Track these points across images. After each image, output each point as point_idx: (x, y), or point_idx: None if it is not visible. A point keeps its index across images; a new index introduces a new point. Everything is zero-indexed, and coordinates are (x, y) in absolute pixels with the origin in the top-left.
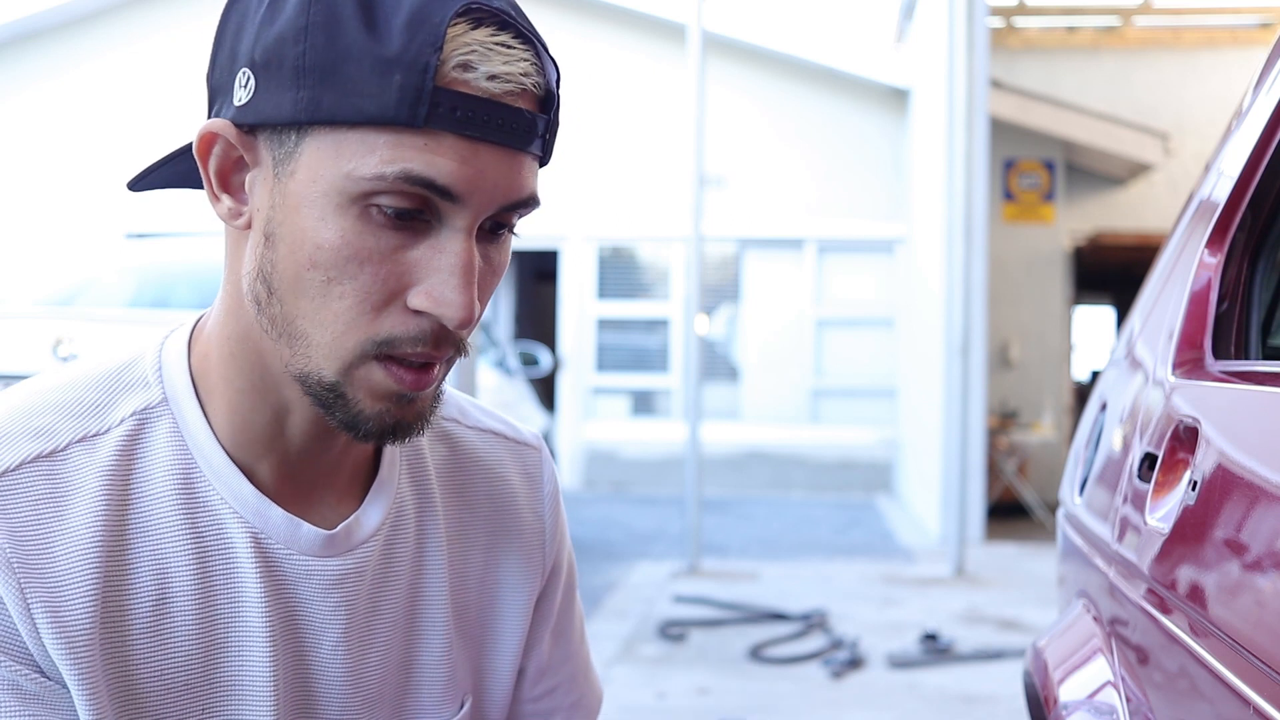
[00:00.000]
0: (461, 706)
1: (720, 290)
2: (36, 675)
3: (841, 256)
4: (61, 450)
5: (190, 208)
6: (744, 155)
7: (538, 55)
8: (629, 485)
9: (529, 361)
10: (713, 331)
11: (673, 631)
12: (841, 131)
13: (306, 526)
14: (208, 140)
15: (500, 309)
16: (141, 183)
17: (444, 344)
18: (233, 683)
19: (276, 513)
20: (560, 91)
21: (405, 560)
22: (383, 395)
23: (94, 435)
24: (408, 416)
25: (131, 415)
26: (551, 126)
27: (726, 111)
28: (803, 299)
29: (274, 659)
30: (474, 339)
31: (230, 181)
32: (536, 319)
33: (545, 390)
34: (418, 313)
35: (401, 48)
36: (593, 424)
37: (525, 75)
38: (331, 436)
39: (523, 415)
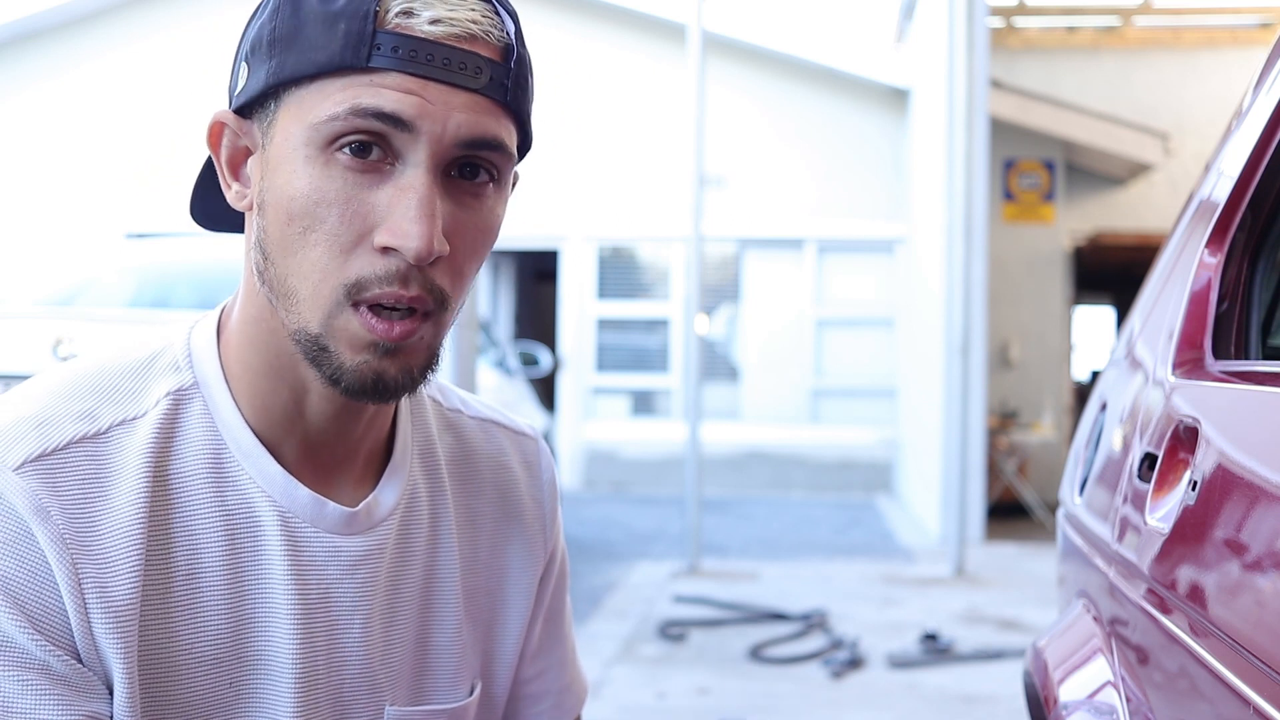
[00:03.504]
0: (472, 691)
1: (720, 290)
2: (69, 659)
3: (841, 256)
4: (104, 432)
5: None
6: (744, 155)
7: (493, 9)
8: (629, 485)
9: (529, 361)
10: (713, 331)
11: (673, 631)
12: (841, 131)
13: (331, 505)
14: (215, 131)
15: (500, 309)
16: (211, 222)
17: (412, 282)
18: (259, 658)
19: (303, 492)
20: (523, 47)
21: (420, 540)
22: (361, 345)
23: (132, 419)
24: (390, 370)
25: (166, 397)
26: (515, 77)
27: (726, 111)
28: (803, 299)
29: (298, 635)
30: (473, 337)
31: (239, 169)
32: (536, 319)
33: (545, 390)
34: (385, 252)
35: (346, 2)
36: (593, 424)
37: (473, 22)
38: (348, 417)
39: (523, 415)
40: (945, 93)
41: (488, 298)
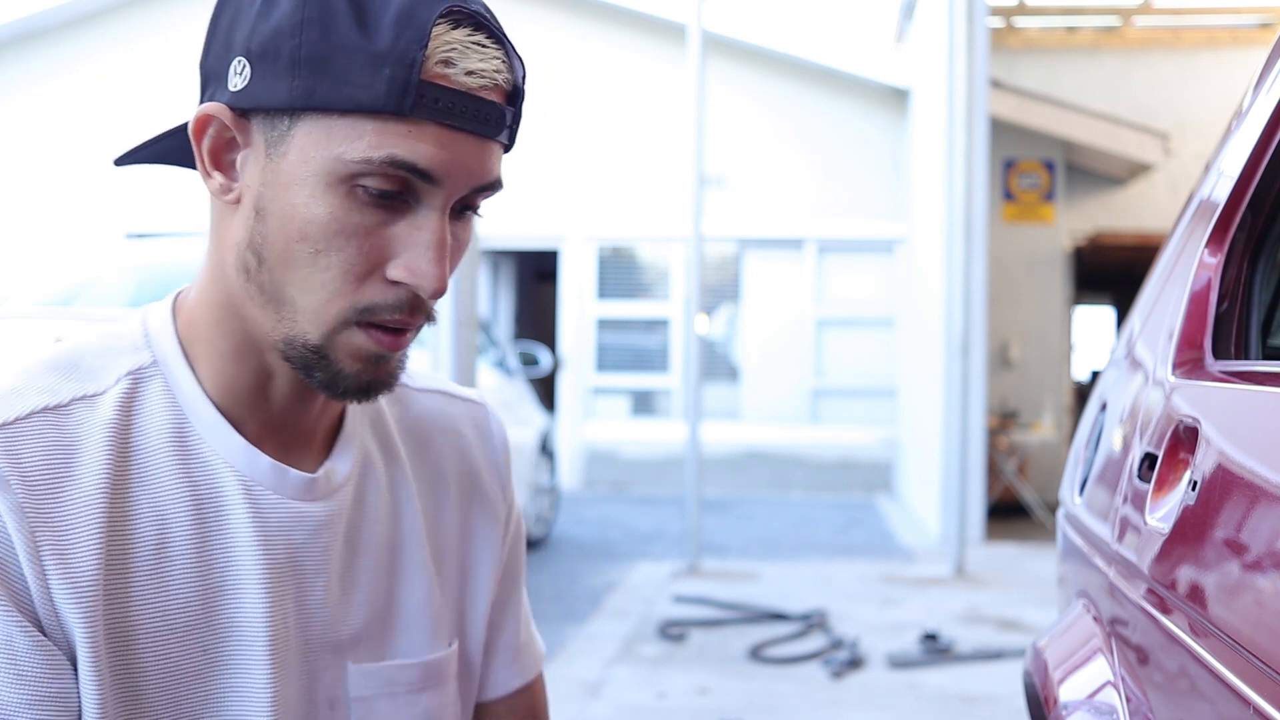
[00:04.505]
0: (450, 644)
1: (720, 290)
2: (33, 628)
3: (841, 256)
4: (65, 405)
5: (190, 208)
6: (744, 155)
7: (507, 54)
8: (629, 485)
9: (529, 361)
10: (713, 331)
11: (673, 631)
12: (841, 131)
13: (293, 472)
14: (203, 121)
15: (500, 309)
16: (129, 158)
17: (418, 312)
18: (230, 624)
19: (265, 460)
20: (526, 87)
21: (379, 506)
22: (362, 357)
23: (93, 395)
24: (380, 376)
25: (126, 375)
26: (517, 118)
27: (726, 111)
28: (803, 299)
29: (268, 600)
30: (473, 337)
31: (222, 160)
32: (536, 319)
33: (545, 390)
34: (395, 283)
35: (391, 44)
36: (593, 424)
37: (497, 72)
38: (310, 398)
39: (523, 415)
40: (945, 93)
41: (488, 298)
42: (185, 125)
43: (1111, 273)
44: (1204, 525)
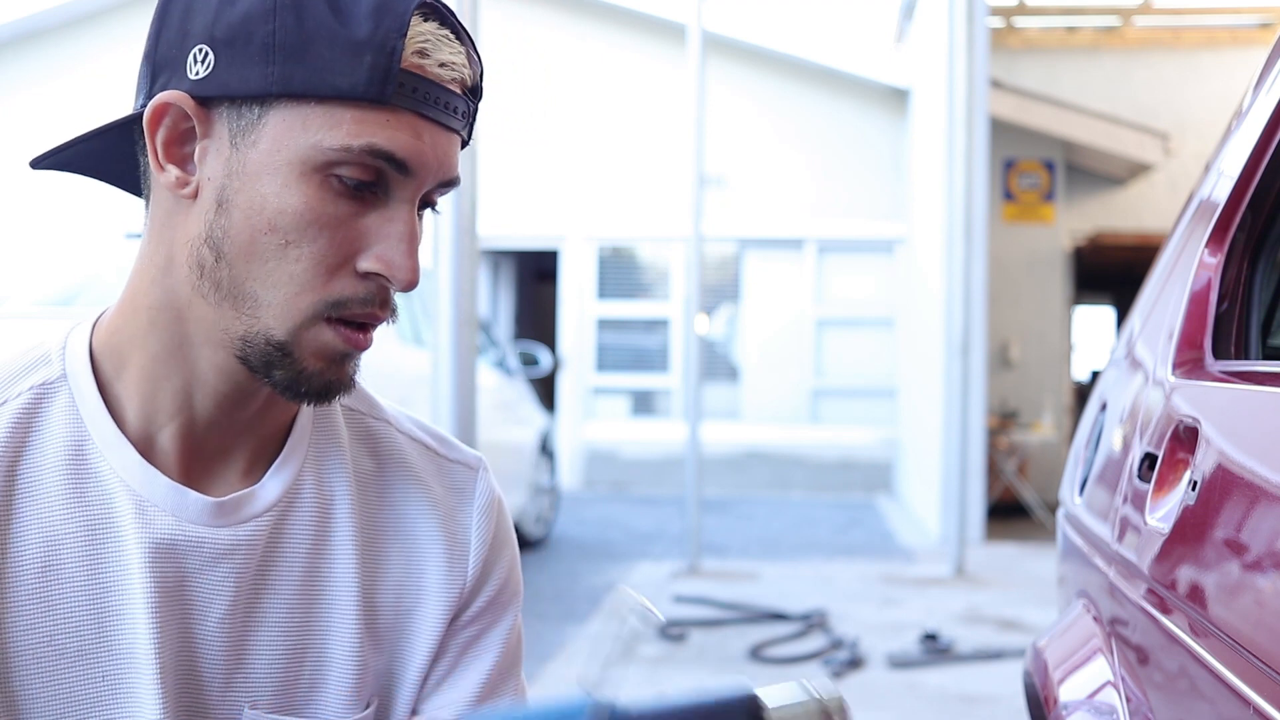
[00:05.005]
0: (367, 707)
1: (720, 290)
2: None
3: (841, 256)
4: None
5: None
6: (744, 155)
7: (469, 50)
8: (629, 485)
9: (529, 361)
10: (713, 331)
11: (673, 631)
12: (841, 131)
13: (193, 495)
14: (159, 110)
15: (500, 309)
16: (45, 161)
17: (385, 306)
18: (125, 649)
19: (162, 481)
20: (484, 84)
21: (304, 541)
22: (326, 355)
23: None
24: (341, 377)
25: (29, 389)
26: (474, 114)
27: (726, 111)
28: (803, 299)
29: (156, 627)
30: (473, 337)
31: (177, 152)
32: (536, 319)
33: (545, 390)
34: (366, 276)
35: (370, 32)
36: (593, 424)
37: (463, 66)
38: (237, 405)
39: (523, 415)
40: (945, 93)
41: (488, 298)
42: (113, 125)
43: (1111, 273)
44: (1204, 525)
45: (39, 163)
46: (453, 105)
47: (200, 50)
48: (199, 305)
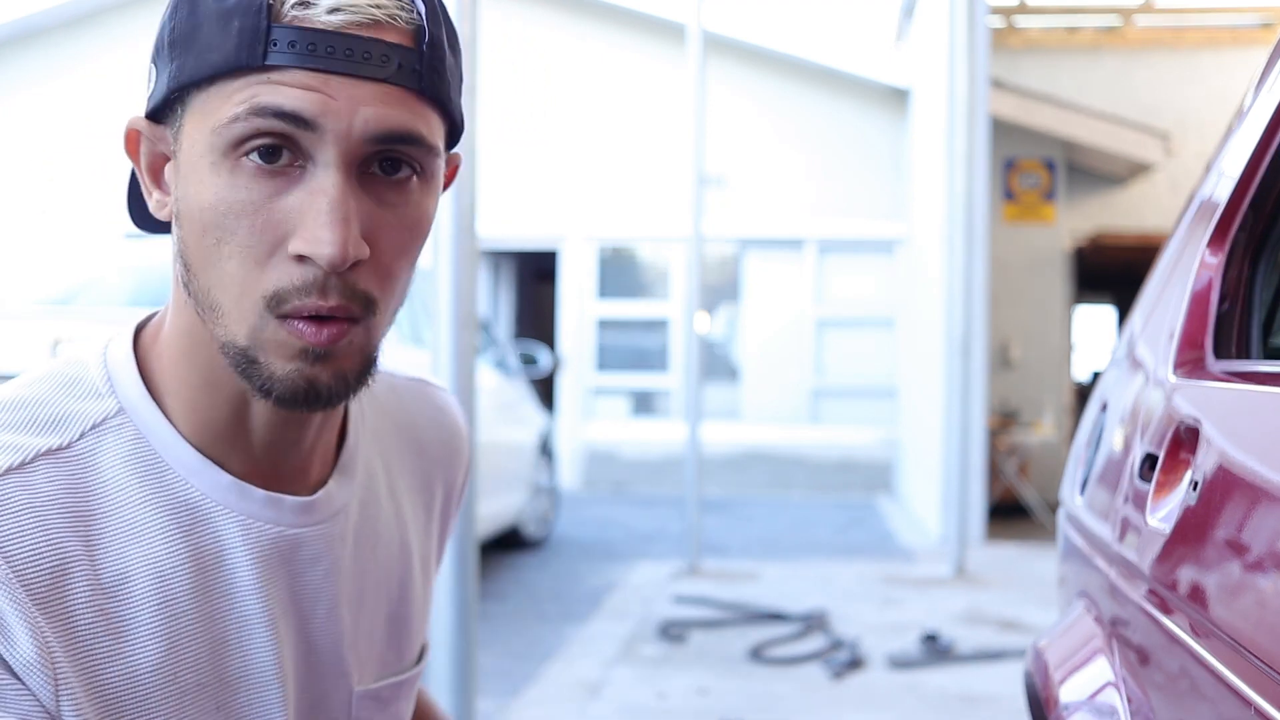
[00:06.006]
0: (421, 655)
1: (720, 290)
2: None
3: (841, 256)
4: (30, 464)
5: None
6: (744, 155)
7: None
8: (629, 485)
9: (529, 361)
10: (713, 331)
11: (673, 632)
12: (841, 131)
13: (289, 499)
14: (132, 138)
15: (500, 309)
16: (145, 226)
17: (332, 292)
18: (241, 674)
19: (258, 493)
20: (440, 29)
21: (374, 520)
22: (291, 353)
23: (58, 449)
24: (322, 377)
25: (92, 429)
26: (428, 62)
27: (726, 111)
28: (803, 299)
29: (275, 641)
30: (473, 337)
31: (160, 176)
32: (536, 319)
33: (545, 390)
34: (301, 260)
35: None
36: (593, 424)
37: (376, 6)
38: (296, 427)
39: (523, 415)
40: (945, 92)
41: (488, 298)
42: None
43: (1112, 272)
44: (1205, 525)
45: (146, 228)
46: (359, 51)
47: (150, 70)
48: (201, 325)
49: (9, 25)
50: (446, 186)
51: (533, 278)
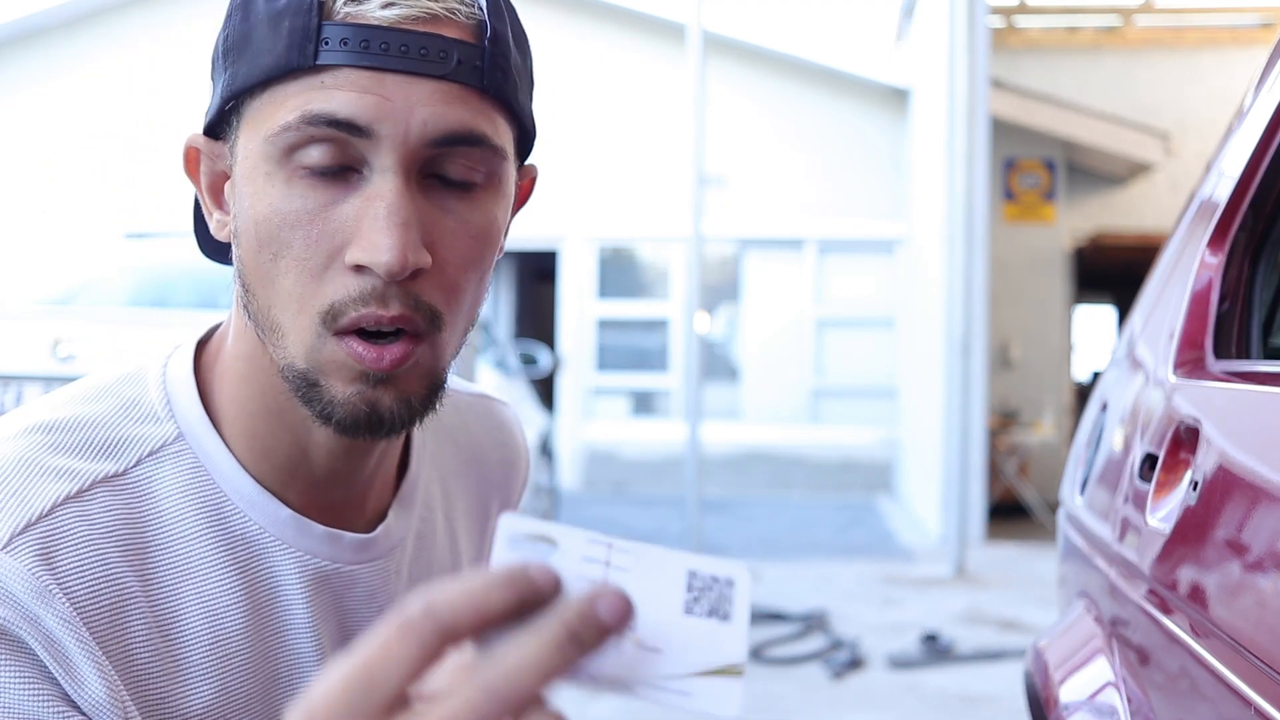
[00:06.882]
0: None
1: (720, 290)
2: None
3: (841, 256)
4: (87, 491)
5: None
6: (744, 155)
7: None
8: (629, 485)
9: (529, 361)
10: (713, 331)
11: None
12: (841, 131)
13: (347, 535)
14: (191, 157)
15: (500, 309)
16: (216, 257)
17: (391, 300)
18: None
19: (317, 529)
20: (504, 24)
21: (439, 553)
22: (351, 376)
23: (114, 476)
24: (384, 401)
25: (150, 456)
26: (490, 58)
27: (726, 111)
28: (803, 299)
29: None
30: (473, 337)
31: (221, 196)
32: (536, 319)
33: (545, 390)
34: (359, 271)
35: None
36: (593, 424)
37: (434, 0)
38: (359, 457)
39: (523, 415)
40: (946, 92)
41: (488, 298)
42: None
43: (1112, 272)
44: (1205, 525)
45: (218, 259)
46: (416, 48)
47: (210, 85)
48: (261, 350)
49: (9, 25)
50: (523, 202)
51: (533, 278)
